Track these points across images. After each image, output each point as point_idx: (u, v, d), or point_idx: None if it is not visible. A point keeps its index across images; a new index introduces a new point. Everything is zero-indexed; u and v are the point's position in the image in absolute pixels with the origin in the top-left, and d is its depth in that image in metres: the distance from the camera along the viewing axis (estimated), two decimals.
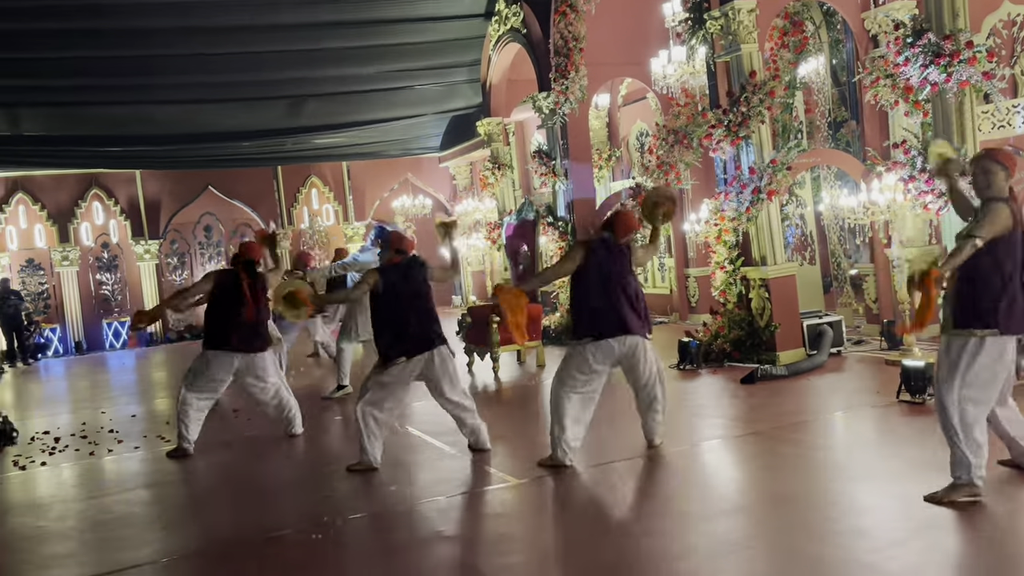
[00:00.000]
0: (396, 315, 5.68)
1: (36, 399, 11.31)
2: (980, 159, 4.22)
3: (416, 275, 5.85)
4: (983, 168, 4.16)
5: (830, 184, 10.30)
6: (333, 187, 18.97)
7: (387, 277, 5.74)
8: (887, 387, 6.74)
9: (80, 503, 5.74)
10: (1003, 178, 4.13)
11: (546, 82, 11.89)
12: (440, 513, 4.85)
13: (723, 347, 8.51)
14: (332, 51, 14.02)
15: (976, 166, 4.21)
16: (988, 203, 4.11)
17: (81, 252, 17.18)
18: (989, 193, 4.13)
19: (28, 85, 13.50)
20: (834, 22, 10.14)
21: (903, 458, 5.08)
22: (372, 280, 5.74)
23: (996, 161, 4.16)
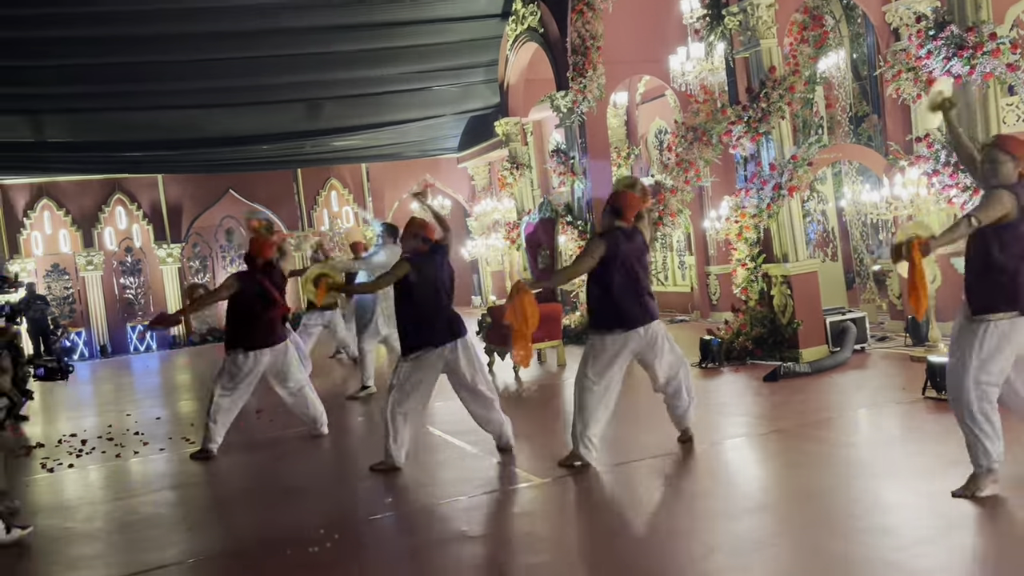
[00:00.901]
0: (426, 304, 5.63)
1: (63, 402, 11.45)
2: (989, 148, 4.16)
3: (442, 262, 5.81)
4: (990, 157, 4.10)
5: (852, 179, 10.21)
6: (352, 189, 19.06)
7: (417, 266, 5.66)
8: (912, 383, 6.66)
9: (107, 504, 5.81)
10: (1011, 168, 4.07)
11: (564, 81, 11.88)
12: (463, 513, 4.86)
13: (745, 345, 8.45)
14: (350, 53, 14.08)
15: (985, 155, 4.15)
16: (991, 190, 4.08)
17: (105, 256, 17.39)
18: (994, 182, 4.08)
19: (51, 92, 13.67)
20: (854, 16, 10.06)
21: (929, 455, 5.03)
22: (403, 270, 5.64)
23: (1004, 151, 4.08)
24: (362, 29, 13.33)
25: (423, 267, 5.66)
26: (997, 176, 4.05)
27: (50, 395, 12.30)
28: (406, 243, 5.78)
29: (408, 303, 5.68)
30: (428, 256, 5.72)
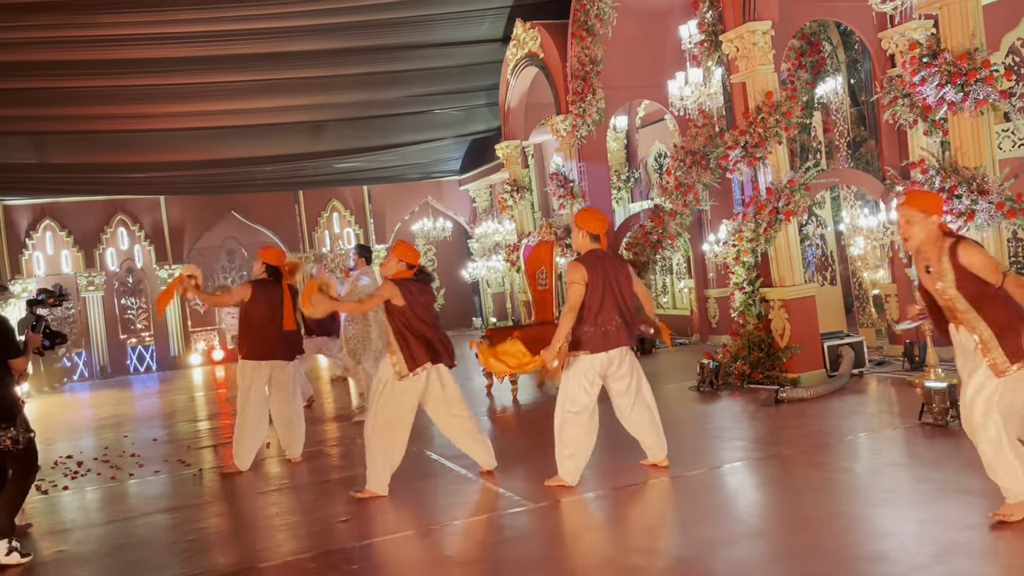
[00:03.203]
0: (411, 327, 5.65)
1: (61, 423, 11.43)
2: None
3: (426, 286, 5.87)
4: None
5: (850, 204, 10.24)
6: (354, 211, 19.14)
7: (405, 288, 5.69)
8: (909, 409, 6.65)
9: (100, 527, 5.79)
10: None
11: (563, 105, 11.96)
12: (456, 538, 4.84)
13: (743, 369, 8.44)
14: (353, 77, 14.22)
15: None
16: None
17: (106, 277, 17.43)
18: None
19: (54, 115, 13.78)
20: (851, 42, 10.15)
21: (925, 481, 5.01)
22: (389, 292, 5.65)
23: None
24: (365, 53, 13.47)
25: (409, 289, 5.69)
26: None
27: (49, 416, 12.28)
28: (389, 266, 5.79)
29: (393, 325, 5.70)
30: (413, 280, 5.77)
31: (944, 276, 3.98)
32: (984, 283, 3.95)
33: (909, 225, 3.99)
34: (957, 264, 3.94)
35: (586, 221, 5.54)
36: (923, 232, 3.99)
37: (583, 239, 5.55)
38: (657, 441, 5.71)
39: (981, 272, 3.91)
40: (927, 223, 3.97)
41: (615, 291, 5.45)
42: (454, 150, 18.12)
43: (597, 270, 5.41)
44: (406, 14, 12.48)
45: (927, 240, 4.01)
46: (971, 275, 3.94)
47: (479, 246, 17.53)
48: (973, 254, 3.93)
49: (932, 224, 3.98)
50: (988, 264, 3.94)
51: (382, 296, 5.69)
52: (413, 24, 12.87)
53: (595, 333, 5.39)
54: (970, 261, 3.92)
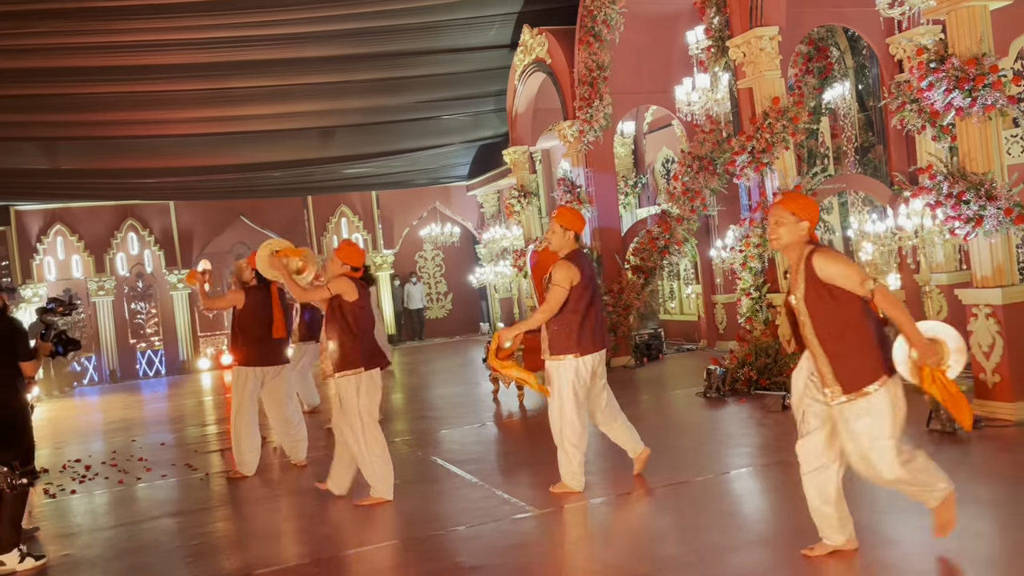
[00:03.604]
0: (360, 324, 5.63)
1: (70, 427, 11.48)
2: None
3: (367, 290, 5.84)
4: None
5: (858, 209, 10.21)
6: (363, 216, 19.18)
7: (358, 285, 5.68)
8: (917, 416, 6.57)
9: (107, 531, 5.81)
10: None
11: (570, 111, 11.98)
12: (461, 543, 4.84)
13: (750, 375, 8.42)
14: (361, 83, 14.27)
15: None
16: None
17: (116, 282, 17.52)
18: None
19: (65, 120, 13.88)
20: (859, 47, 10.12)
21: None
22: (343, 287, 5.56)
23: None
24: (374, 59, 13.53)
25: (360, 291, 5.67)
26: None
27: (58, 420, 12.35)
28: (332, 268, 5.74)
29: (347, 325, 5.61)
30: (361, 281, 5.75)
31: (797, 288, 3.67)
32: (839, 308, 3.58)
33: (777, 226, 3.71)
34: (812, 275, 3.58)
35: (573, 221, 5.50)
36: (789, 236, 3.70)
37: (569, 239, 5.46)
38: (632, 434, 5.73)
39: (843, 282, 3.54)
40: (796, 228, 3.69)
41: (598, 291, 5.53)
42: (462, 155, 18.15)
43: (586, 271, 5.41)
44: (415, 20, 12.54)
45: (792, 246, 3.71)
46: (825, 294, 3.58)
47: (487, 251, 17.55)
48: (830, 263, 3.57)
49: (801, 230, 3.69)
50: (849, 273, 3.55)
51: (333, 290, 5.59)
52: (421, 30, 12.93)
53: (588, 334, 5.37)
54: (827, 272, 3.56)
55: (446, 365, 14.66)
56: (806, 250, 3.65)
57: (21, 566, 4.99)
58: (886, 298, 3.52)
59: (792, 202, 3.77)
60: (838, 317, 3.61)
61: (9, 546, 4.97)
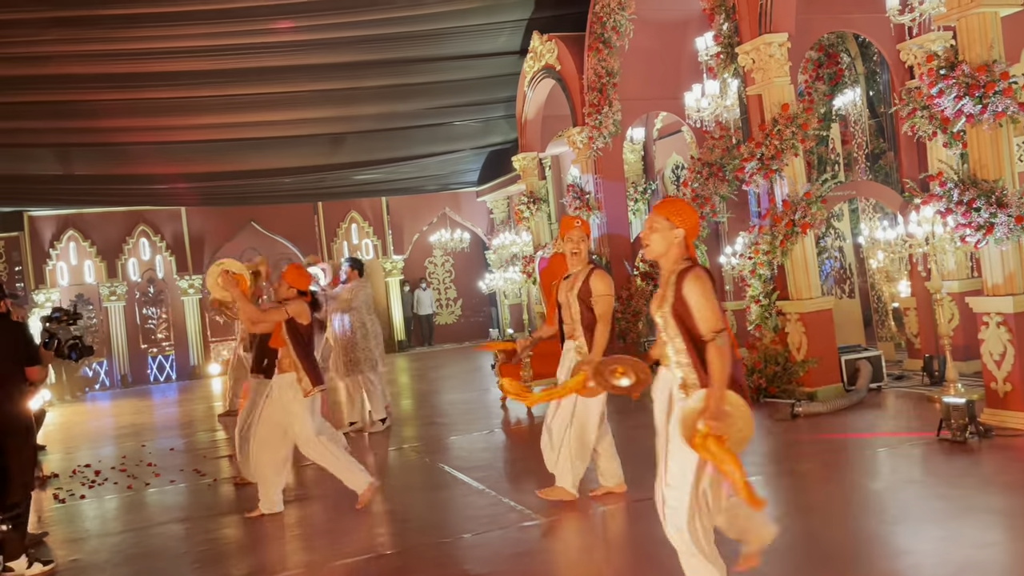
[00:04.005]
0: (309, 347, 5.95)
1: (81, 432, 11.54)
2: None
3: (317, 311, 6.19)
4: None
5: (869, 216, 10.16)
6: (372, 222, 19.24)
7: (313, 309, 6.02)
8: (928, 424, 6.56)
9: (115, 536, 5.83)
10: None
11: (580, 117, 11.98)
12: (467, 551, 4.83)
13: (759, 382, 8.37)
14: (372, 89, 14.33)
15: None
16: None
17: (128, 287, 17.61)
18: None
19: (77, 127, 13.99)
20: (870, 53, 10.08)
21: (942, 498, 4.93)
22: (298, 310, 5.84)
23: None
24: (385, 65, 13.58)
25: (312, 311, 6.01)
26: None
27: (70, 424, 12.41)
28: (280, 292, 5.98)
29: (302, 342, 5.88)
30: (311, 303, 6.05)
31: (664, 303, 3.43)
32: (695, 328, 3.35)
33: (650, 232, 3.45)
34: (679, 294, 3.36)
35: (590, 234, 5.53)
36: (662, 244, 3.44)
37: (588, 251, 5.51)
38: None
39: (695, 312, 3.30)
40: (670, 235, 3.43)
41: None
42: (472, 162, 18.18)
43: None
44: (425, 27, 12.58)
45: (665, 255, 3.46)
46: (689, 312, 3.34)
47: (496, 257, 17.56)
48: (695, 292, 3.31)
49: (675, 237, 3.42)
50: (705, 308, 3.28)
51: (290, 314, 5.82)
52: (432, 37, 12.97)
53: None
54: (688, 293, 3.32)
55: (455, 371, 14.66)
56: (680, 266, 3.41)
57: (30, 571, 5.02)
58: (719, 354, 3.24)
59: (668, 207, 3.49)
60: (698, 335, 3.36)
61: (17, 552, 4.99)
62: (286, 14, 11.58)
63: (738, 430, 3.28)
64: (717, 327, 3.26)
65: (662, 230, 3.44)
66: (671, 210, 3.46)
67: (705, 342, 3.29)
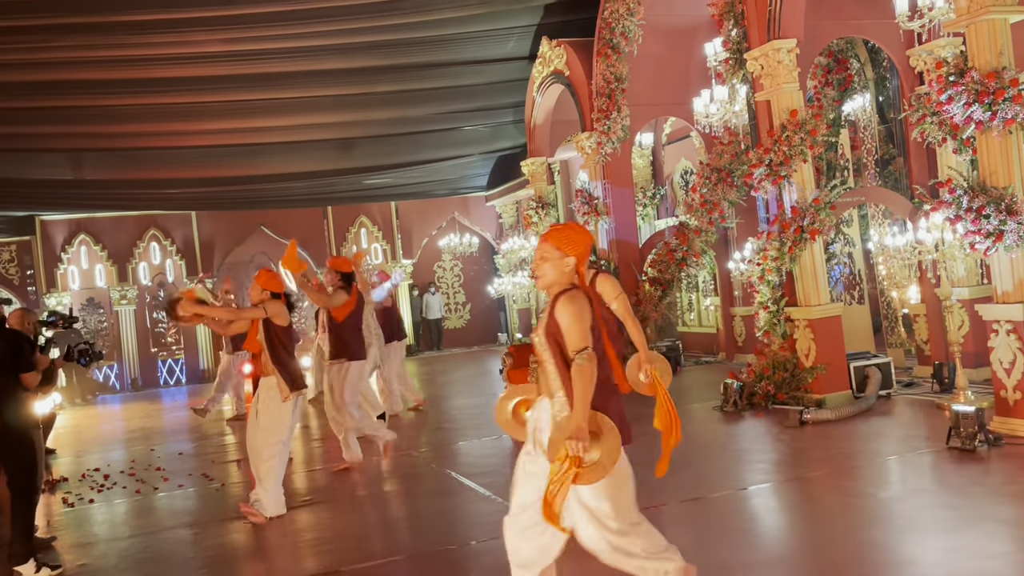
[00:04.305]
0: (288, 349, 6.06)
1: (91, 435, 11.60)
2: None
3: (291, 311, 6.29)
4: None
5: (879, 222, 10.12)
6: (382, 226, 19.28)
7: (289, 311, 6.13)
8: (937, 432, 6.53)
9: (123, 541, 5.86)
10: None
11: (588, 122, 11.98)
12: (472, 558, 4.82)
13: (768, 389, 8.35)
14: (382, 95, 14.38)
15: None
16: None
17: (139, 291, 17.71)
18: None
19: (90, 132, 14.09)
20: (879, 59, 10.06)
21: (950, 508, 4.90)
22: (276, 310, 5.94)
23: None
24: (395, 71, 13.63)
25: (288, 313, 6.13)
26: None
27: (80, 428, 12.48)
28: (253, 295, 6.10)
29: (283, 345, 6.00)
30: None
31: (540, 326, 3.34)
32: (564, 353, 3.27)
33: (542, 261, 3.34)
34: (552, 315, 3.28)
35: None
36: (554, 274, 3.31)
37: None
38: None
39: (564, 332, 3.21)
40: (561, 264, 3.29)
41: None
42: (481, 166, 18.22)
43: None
44: (434, 33, 12.61)
45: (555, 285, 3.32)
46: (560, 333, 3.25)
47: (505, 262, 17.57)
48: (564, 311, 3.21)
49: (567, 266, 3.29)
50: (572, 328, 3.18)
51: (267, 313, 5.90)
52: (441, 43, 13.01)
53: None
54: (560, 313, 3.23)
55: (464, 375, 14.67)
56: (559, 289, 3.34)
57: (38, 575, 5.05)
58: (579, 372, 3.13)
59: (557, 235, 3.34)
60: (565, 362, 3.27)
61: (24, 557, 5.02)
62: (297, 20, 11.63)
63: (603, 454, 3.14)
64: (579, 346, 3.16)
65: (553, 259, 3.30)
66: (560, 238, 3.34)
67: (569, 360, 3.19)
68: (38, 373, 5.38)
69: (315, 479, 7.23)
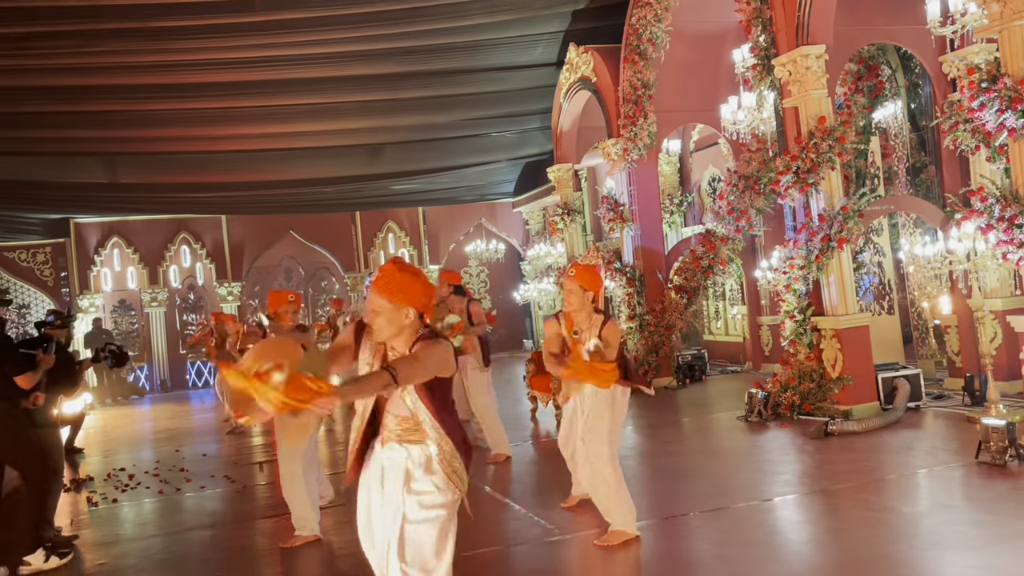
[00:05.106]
0: None
1: (118, 435, 11.74)
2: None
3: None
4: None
5: (909, 231, 9.95)
6: (409, 232, 19.35)
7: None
8: (966, 446, 6.38)
9: (143, 541, 5.91)
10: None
11: (615, 129, 11.93)
12: (485, 566, 4.79)
13: (793, 399, 8.23)
14: (410, 101, 14.44)
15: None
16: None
17: (169, 293, 17.93)
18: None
19: (123, 136, 14.31)
20: (911, 65, 9.90)
21: (977, 524, 4.78)
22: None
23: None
24: (422, 77, 13.68)
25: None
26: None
27: (108, 428, 12.64)
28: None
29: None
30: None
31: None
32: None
33: (570, 295, 4.48)
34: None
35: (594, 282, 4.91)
36: (392, 327, 3.10)
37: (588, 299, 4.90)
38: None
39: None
40: (398, 316, 3.09)
41: None
42: (508, 173, 18.23)
43: None
44: (462, 39, 12.65)
45: (398, 336, 3.11)
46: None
47: (531, 268, 17.54)
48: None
49: (406, 318, 3.10)
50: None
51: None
52: (469, 49, 13.04)
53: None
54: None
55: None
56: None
57: (47, 564, 5.19)
58: (375, 376, 2.93)
59: (385, 285, 3.09)
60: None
61: (30, 548, 5.11)
62: (327, 26, 11.73)
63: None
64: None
65: (385, 312, 3.06)
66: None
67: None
68: (36, 374, 5.38)
69: (338, 482, 7.23)
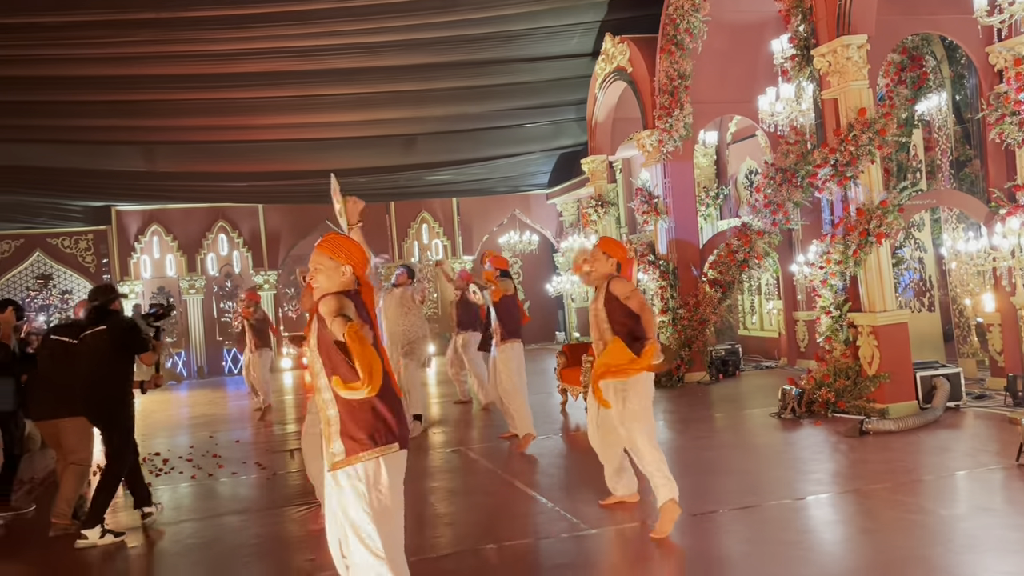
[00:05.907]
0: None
1: (156, 420, 11.94)
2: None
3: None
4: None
5: (952, 226, 9.71)
6: (443, 222, 19.38)
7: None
8: (1007, 448, 6.21)
9: (174, 526, 5.98)
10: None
11: (650, 120, 11.80)
12: (508, 559, 4.77)
13: (828, 396, 8.08)
14: (444, 91, 14.43)
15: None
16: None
17: (206, 281, 18.17)
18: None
19: (164, 125, 14.50)
20: (957, 56, 9.64)
21: (1015, 528, 4.64)
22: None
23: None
24: (457, 67, 13.66)
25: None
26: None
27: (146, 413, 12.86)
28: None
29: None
30: None
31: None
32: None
33: (316, 272, 3.57)
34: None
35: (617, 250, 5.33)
36: (330, 282, 3.42)
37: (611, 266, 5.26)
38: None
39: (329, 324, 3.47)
40: (336, 273, 3.41)
41: None
42: (542, 164, 18.14)
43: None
44: (498, 29, 12.60)
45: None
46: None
47: (565, 260, 17.46)
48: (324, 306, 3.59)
49: (343, 275, 3.42)
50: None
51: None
52: (504, 39, 12.98)
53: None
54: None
55: None
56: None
57: (102, 541, 5.48)
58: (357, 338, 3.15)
59: (330, 245, 3.46)
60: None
61: (92, 523, 5.48)
62: (362, 16, 11.75)
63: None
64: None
65: (327, 269, 3.38)
66: (333, 248, 3.43)
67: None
68: (155, 353, 6.03)
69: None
